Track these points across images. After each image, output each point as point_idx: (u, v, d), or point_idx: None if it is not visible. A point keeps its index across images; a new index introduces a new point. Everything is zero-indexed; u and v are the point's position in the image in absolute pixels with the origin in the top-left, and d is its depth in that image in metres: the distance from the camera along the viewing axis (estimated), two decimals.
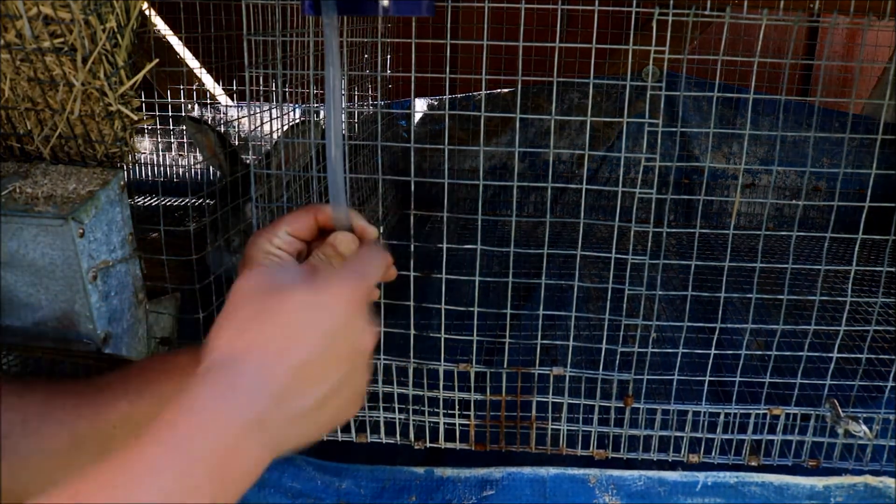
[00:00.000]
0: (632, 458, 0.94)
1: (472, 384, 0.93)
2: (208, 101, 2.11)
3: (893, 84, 1.27)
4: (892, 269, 0.91)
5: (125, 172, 0.84)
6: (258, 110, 1.50)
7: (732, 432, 0.93)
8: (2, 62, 0.75)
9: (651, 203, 0.89)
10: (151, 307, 0.89)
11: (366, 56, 1.48)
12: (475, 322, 0.87)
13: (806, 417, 0.91)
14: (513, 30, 0.81)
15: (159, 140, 2.01)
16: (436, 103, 2.02)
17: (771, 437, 0.92)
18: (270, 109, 1.11)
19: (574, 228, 1.80)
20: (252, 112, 1.63)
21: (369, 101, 1.66)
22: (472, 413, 0.94)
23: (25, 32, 0.72)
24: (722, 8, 0.84)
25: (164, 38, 1.96)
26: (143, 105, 1.71)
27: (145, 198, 1.98)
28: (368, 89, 1.65)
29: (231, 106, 2.06)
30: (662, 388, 0.95)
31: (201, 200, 1.63)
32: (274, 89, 0.88)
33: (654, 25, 0.80)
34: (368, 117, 1.63)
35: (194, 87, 2.06)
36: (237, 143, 1.86)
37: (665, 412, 0.92)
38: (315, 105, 0.88)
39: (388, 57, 1.63)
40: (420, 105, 2.04)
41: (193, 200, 1.79)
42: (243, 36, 0.84)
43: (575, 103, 1.95)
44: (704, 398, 0.92)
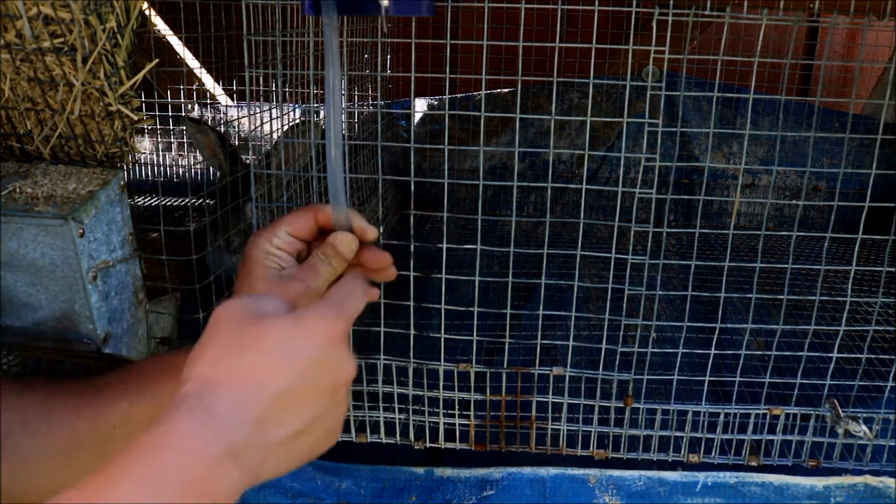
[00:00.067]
0: (632, 458, 0.94)
1: (472, 384, 0.93)
2: (208, 101, 2.11)
3: (893, 84, 1.27)
4: (892, 269, 0.91)
5: (125, 172, 0.83)
6: (258, 110, 1.50)
7: (732, 432, 0.93)
8: (2, 62, 0.75)
9: (651, 203, 0.89)
10: (151, 307, 0.89)
11: (366, 56, 1.48)
12: (475, 322, 0.87)
13: (806, 417, 0.91)
14: (513, 30, 0.81)
15: (159, 140, 2.01)
16: (436, 103, 2.02)
17: (771, 437, 0.92)
18: (270, 109, 1.11)
19: (574, 228, 1.80)
20: (252, 112, 1.63)
21: (369, 101, 1.66)
22: (472, 413, 0.94)
23: (25, 32, 0.72)
24: (722, 8, 0.84)
25: (164, 38, 1.96)
26: (143, 105, 1.71)
27: (145, 198, 1.98)
28: (368, 89, 1.65)
29: (231, 106, 2.06)
30: (662, 388, 0.95)
31: (201, 200, 1.63)
32: (274, 89, 0.88)
33: (654, 25, 0.80)
34: (368, 117, 1.63)
35: (194, 87, 2.06)
36: (237, 143, 1.86)
37: (665, 412, 0.92)
38: (315, 105, 0.88)
39: (388, 57, 1.63)
40: (420, 105, 2.04)
41: (193, 200, 1.79)
42: (243, 36, 0.84)
43: (575, 103, 1.95)
44: (704, 398, 0.92)
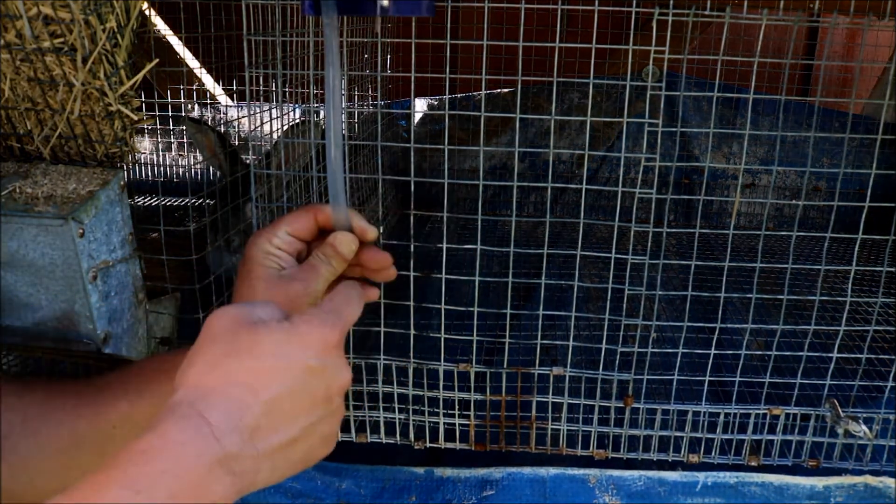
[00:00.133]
0: (632, 458, 0.94)
1: (472, 384, 0.93)
2: (208, 101, 2.11)
3: (893, 84, 1.27)
4: (892, 269, 0.91)
5: (125, 172, 0.83)
6: (258, 110, 1.50)
7: (732, 432, 0.92)
8: (2, 62, 0.75)
9: (651, 203, 0.89)
10: (151, 307, 0.89)
11: (366, 56, 1.48)
12: (475, 322, 0.87)
13: (806, 417, 0.91)
14: (513, 30, 0.81)
15: (159, 140, 2.01)
16: (436, 103, 2.02)
17: (771, 437, 0.92)
18: (270, 109, 1.11)
19: (574, 228, 1.80)
20: (252, 112, 1.63)
21: (369, 101, 1.66)
22: (472, 413, 0.94)
23: (25, 32, 0.72)
24: (722, 8, 0.84)
25: (164, 38, 1.96)
26: (143, 105, 1.71)
27: (145, 198, 1.98)
28: (368, 89, 1.65)
29: (231, 106, 2.06)
30: (662, 388, 0.95)
31: (201, 200, 1.63)
32: (274, 89, 0.88)
33: (654, 25, 0.80)
34: (368, 117, 1.63)
35: (194, 87, 2.06)
36: (237, 143, 1.86)
37: (665, 412, 0.92)
38: (315, 105, 0.88)
39: (388, 57, 1.63)
40: (420, 105, 2.04)
41: (193, 200, 1.79)
42: (243, 36, 0.84)
43: (575, 103, 1.95)
44: (704, 398, 0.92)
